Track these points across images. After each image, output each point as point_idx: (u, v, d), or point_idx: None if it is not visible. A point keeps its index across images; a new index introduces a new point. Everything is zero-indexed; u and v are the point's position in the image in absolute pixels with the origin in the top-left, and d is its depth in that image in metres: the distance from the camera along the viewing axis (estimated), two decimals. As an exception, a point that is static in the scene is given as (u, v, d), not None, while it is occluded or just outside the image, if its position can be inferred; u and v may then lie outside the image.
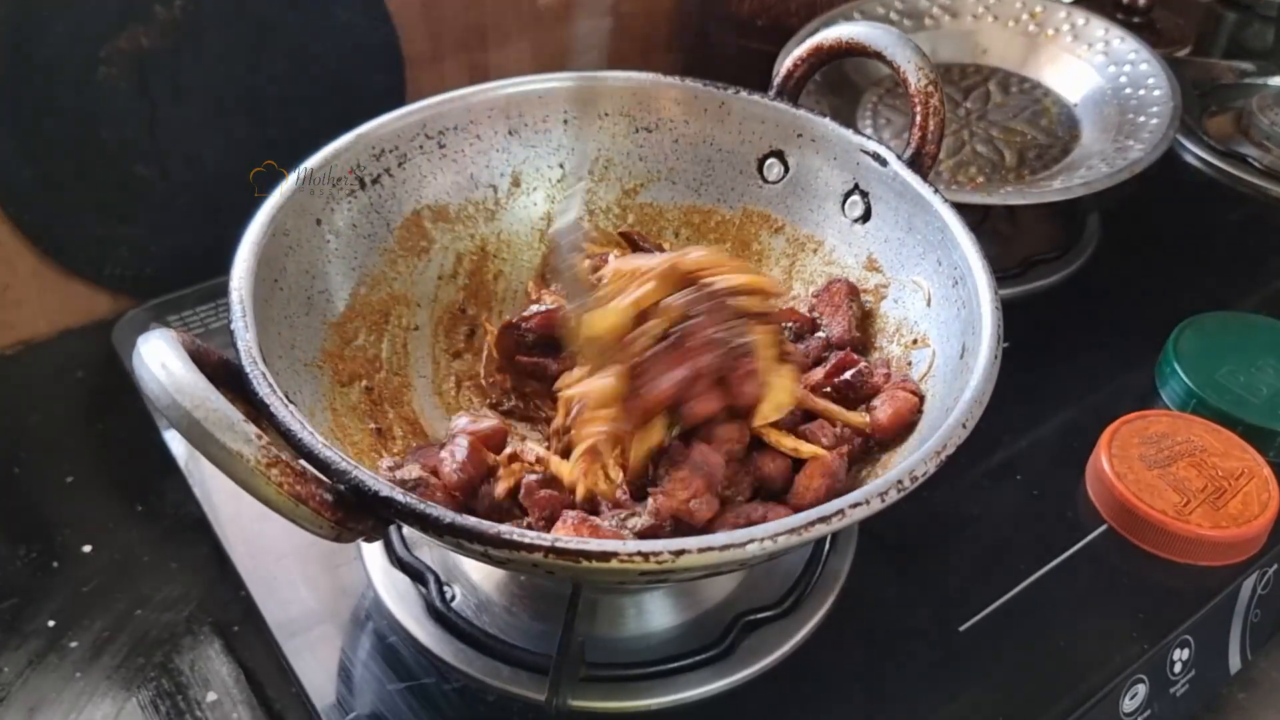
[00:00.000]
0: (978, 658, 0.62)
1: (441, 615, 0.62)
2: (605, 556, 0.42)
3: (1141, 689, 0.64)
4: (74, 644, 0.63)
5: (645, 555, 0.42)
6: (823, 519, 0.44)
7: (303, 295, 0.61)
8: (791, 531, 0.44)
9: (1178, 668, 0.66)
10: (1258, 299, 0.91)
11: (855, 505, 0.45)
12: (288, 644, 0.62)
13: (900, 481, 0.46)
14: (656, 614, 0.63)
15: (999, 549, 0.69)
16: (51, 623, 0.64)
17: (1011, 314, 0.56)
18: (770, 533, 0.44)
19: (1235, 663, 0.71)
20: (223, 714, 0.60)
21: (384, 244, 0.67)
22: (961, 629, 0.64)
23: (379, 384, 0.64)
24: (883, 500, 0.46)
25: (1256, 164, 1.05)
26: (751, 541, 0.43)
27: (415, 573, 0.64)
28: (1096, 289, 0.92)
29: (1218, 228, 1.02)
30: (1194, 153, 1.08)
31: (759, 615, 0.62)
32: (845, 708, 0.60)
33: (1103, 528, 0.70)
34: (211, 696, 0.61)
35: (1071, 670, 0.62)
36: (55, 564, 0.68)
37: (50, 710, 0.60)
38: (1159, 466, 0.70)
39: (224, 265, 0.56)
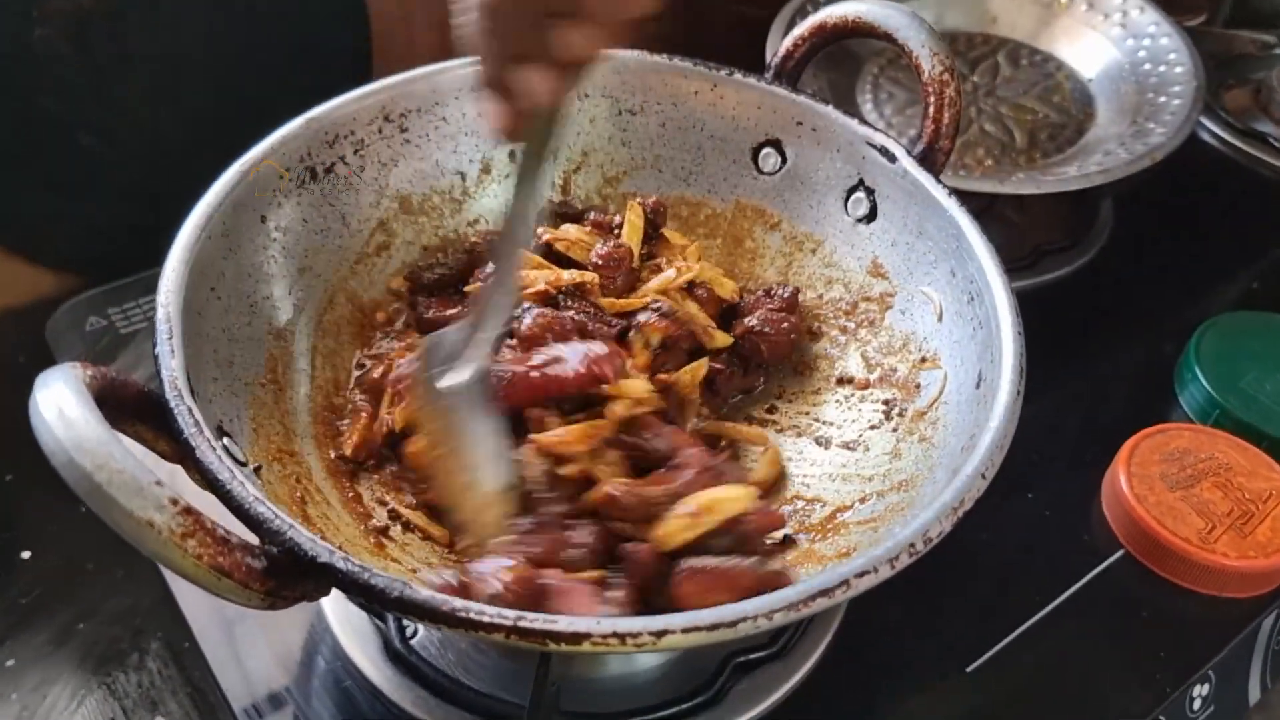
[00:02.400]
0: (987, 701, 0.58)
1: (400, 656, 0.57)
2: (576, 639, 0.37)
3: (1160, 730, 0.60)
4: (11, 661, 0.59)
5: (621, 637, 0.37)
6: (824, 592, 0.39)
7: (244, 303, 0.55)
8: (789, 607, 0.38)
9: (1197, 704, 0.62)
10: (1280, 295, 0.86)
11: (861, 575, 0.40)
12: (229, 683, 0.57)
13: (913, 545, 0.41)
14: (639, 655, 0.58)
15: (1008, 578, 0.64)
16: (-15, 638, 0.59)
17: (1021, 308, 0.51)
18: (764, 609, 0.38)
19: (1255, 694, 0.67)
20: (172, 741, 0.55)
21: (339, 241, 0.61)
22: (969, 669, 0.59)
23: (333, 401, 0.58)
24: (892, 567, 0.40)
25: (1277, 143, 0.99)
26: (743, 620, 0.38)
27: (364, 604, 0.58)
28: (1110, 281, 0.86)
29: (1237, 214, 0.96)
30: (1210, 129, 1.02)
31: (751, 656, 0.57)
32: (843, 760, 0.56)
33: (1119, 553, 0.65)
34: (159, 721, 0.56)
35: (1087, 716, 0.58)
36: (-10, 573, 0.63)
37: (-16, 734, 0.55)
38: (1181, 487, 0.65)
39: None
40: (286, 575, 0.39)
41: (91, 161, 0.79)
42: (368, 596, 0.38)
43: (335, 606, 0.60)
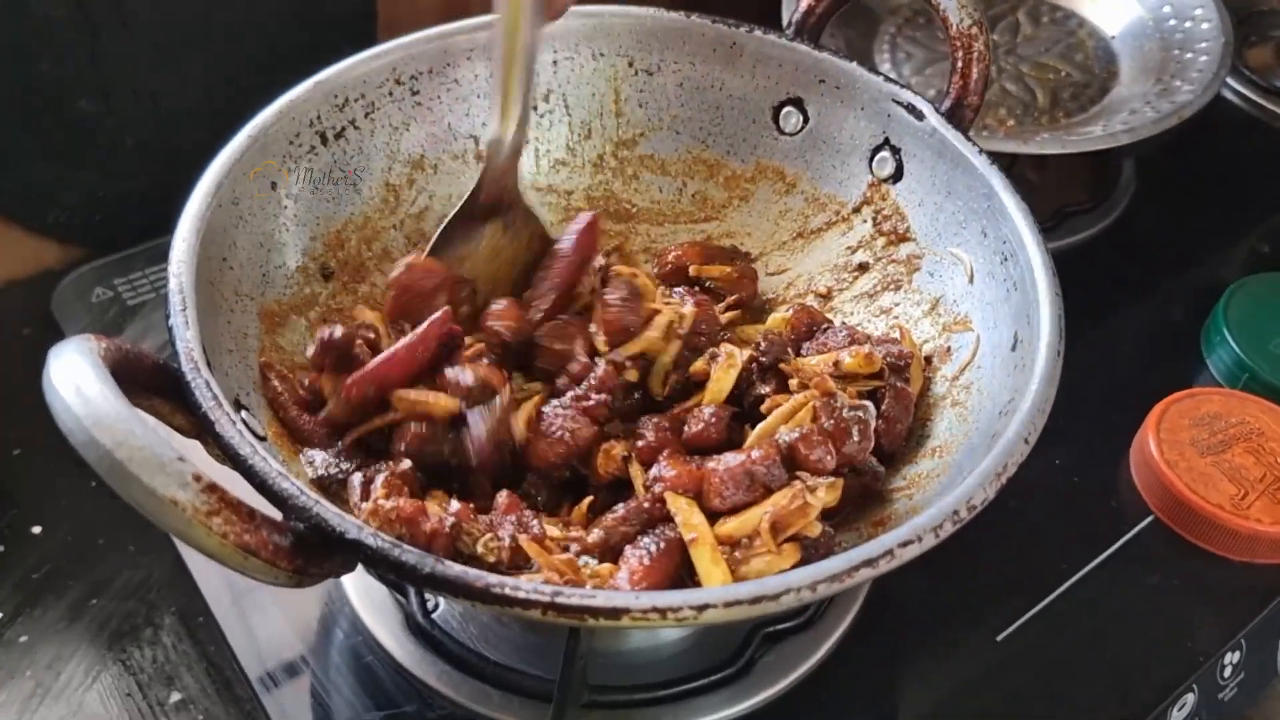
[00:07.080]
0: (1017, 671, 0.57)
1: (422, 630, 0.56)
2: (615, 614, 0.36)
3: (1190, 698, 0.59)
4: (24, 637, 0.58)
5: (662, 611, 0.36)
6: (868, 562, 0.38)
7: (257, 273, 0.54)
8: (833, 579, 0.37)
9: (1228, 672, 0.61)
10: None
11: (905, 544, 0.39)
12: (246, 657, 0.57)
13: (956, 512, 0.40)
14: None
15: (1037, 544, 0.63)
16: (-1, 613, 0.59)
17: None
18: (808, 581, 0.37)
19: (1285, 659, 0.66)
20: (189, 716, 0.55)
21: (350, 208, 0.60)
22: (999, 639, 0.58)
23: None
24: (937, 535, 0.39)
25: (1301, 102, 0.97)
26: (786, 592, 0.37)
27: (392, 580, 0.58)
28: (1135, 243, 0.85)
29: (1262, 173, 0.94)
30: (1232, 87, 1.00)
31: (779, 627, 0.57)
32: (874, 731, 0.55)
33: (1149, 519, 0.64)
34: (176, 696, 0.56)
35: (1119, 685, 0.57)
36: (2, 547, 0.62)
37: (-1, 712, 0.55)
38: (1212, 453, 0.64)
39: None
40: (313, 551, 0.38)
41: (91, 128, 0.78)
42: (398, 573, 0.37)
43: (354, 580, 0.59)
